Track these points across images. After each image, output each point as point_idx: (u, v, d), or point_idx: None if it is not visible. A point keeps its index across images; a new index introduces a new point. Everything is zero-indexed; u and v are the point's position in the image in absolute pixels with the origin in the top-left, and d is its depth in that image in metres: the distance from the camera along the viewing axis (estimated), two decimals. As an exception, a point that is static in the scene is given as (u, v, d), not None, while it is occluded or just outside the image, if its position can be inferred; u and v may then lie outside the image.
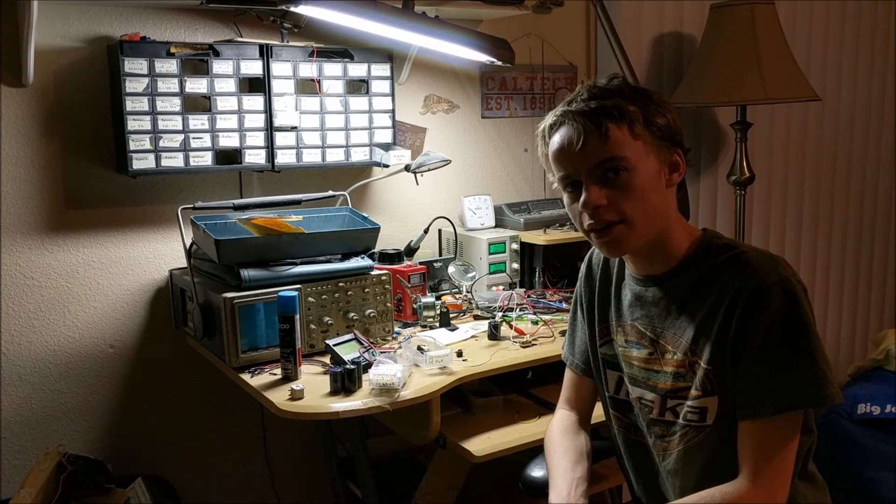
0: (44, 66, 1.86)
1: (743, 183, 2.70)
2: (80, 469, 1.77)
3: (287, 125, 2.03)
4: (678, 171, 1.26)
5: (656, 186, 1.23)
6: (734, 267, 1.22)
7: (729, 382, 1.21)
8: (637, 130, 1.21)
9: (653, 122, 1.22)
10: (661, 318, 1.30)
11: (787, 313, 1.16)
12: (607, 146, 1.20)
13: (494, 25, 2.38)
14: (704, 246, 1.28)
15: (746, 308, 1.18)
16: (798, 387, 1.16)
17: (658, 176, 1.24)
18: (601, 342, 1.43)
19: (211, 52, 1.94)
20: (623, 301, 1.38)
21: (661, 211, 1.25)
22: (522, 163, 2.61)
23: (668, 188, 1.26)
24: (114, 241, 2.00)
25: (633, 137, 1.21)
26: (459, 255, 2.32)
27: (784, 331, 1.16)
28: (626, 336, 1.37)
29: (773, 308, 1.16)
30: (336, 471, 2.15)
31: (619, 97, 1.22)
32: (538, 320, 1.99)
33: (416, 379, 1.64)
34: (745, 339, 1.18)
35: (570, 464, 1.39)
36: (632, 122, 1.21)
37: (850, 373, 3.16)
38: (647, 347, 1.32)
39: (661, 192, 1.24)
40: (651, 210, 1.23)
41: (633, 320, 1.35)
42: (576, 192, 1.25)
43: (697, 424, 1.25)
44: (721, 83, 2.49)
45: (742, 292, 1.19)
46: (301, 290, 1.75)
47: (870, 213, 3.49)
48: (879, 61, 3.38)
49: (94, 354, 2.01)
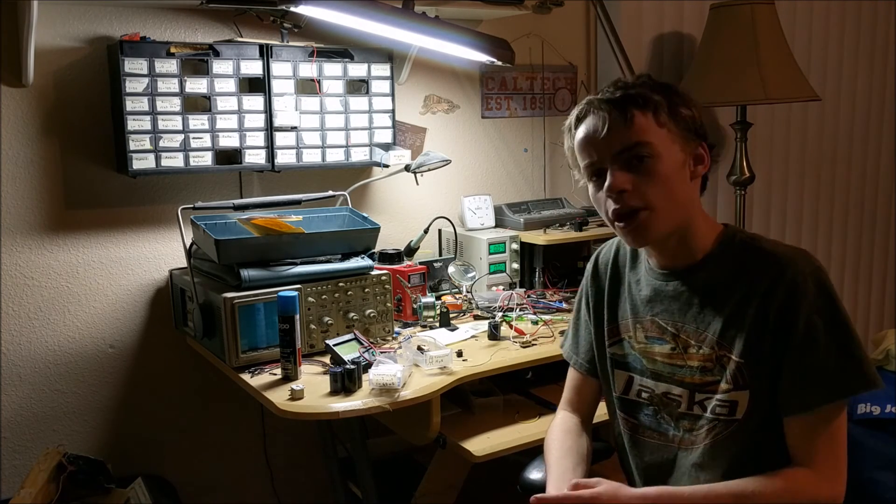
0: (44, 66, 1.86)
1: (743, 183, 2.70)
2: (80, 469, 1.77)
3: (287, 125, 2.03)
4: (703, 164, 1.27)
5: (681, 176, 1.24)
6: (764, 260, 1.23)
7: (764, 376, 1.21)
8: (662, 119, 1.23)
9: (678, 113, 1.24)
10: (681, 313, 1.30)
11: (825, 303, 1.18)
12: (632, 132, 1.21)
13: (494, 25, 2.38)
14: (728, 241, 1.29)
15: (785, 300, 1.19)
16: (846, 374, 1.17)
17: (683, 166, 1.25)
18: (610, 342, 1.42)
19: (211, 52, 1.94)
20: (638, 297, 1.37)
21: (685, 201, 1.26)
22: (522, 163, 2.61)
23: (693, 180, 1.27)
24: (114, 241, 2.00)
25: (658, 125, 1.22)
26: (459, 255, 2.32)
27: (825, 320, 1.18)
28: (646, 332, 1.36)
29: (810, 298, 1.18)
30: (336, 471, 2.15)
31: (643, 88, 1.24)
32: (538, 320, 1.99)
33: (416, 379, 1.64)
34: (786, 331, 1.19)
35: (569, 465, 1.38)
36: (657, 110, 1.22)
37: (851, 373, 3.16)
38: (670, 342, 1.32)
39: (685, 183, 1.25)
40: (675, 199, 1.24)
41: (652, 315, 1.34)
42: (601, 181, 1.26)
43: (726, 418, 1.25)
44: (721, 83, 2.49)
45: (778, 285, 1.20)
46: (301, 290, 1.75)
47: (870, 212, 3.49)
48: (879, 61, 3.38)
49: (94, 354, 2.01)
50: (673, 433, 1.33)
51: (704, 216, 1.30)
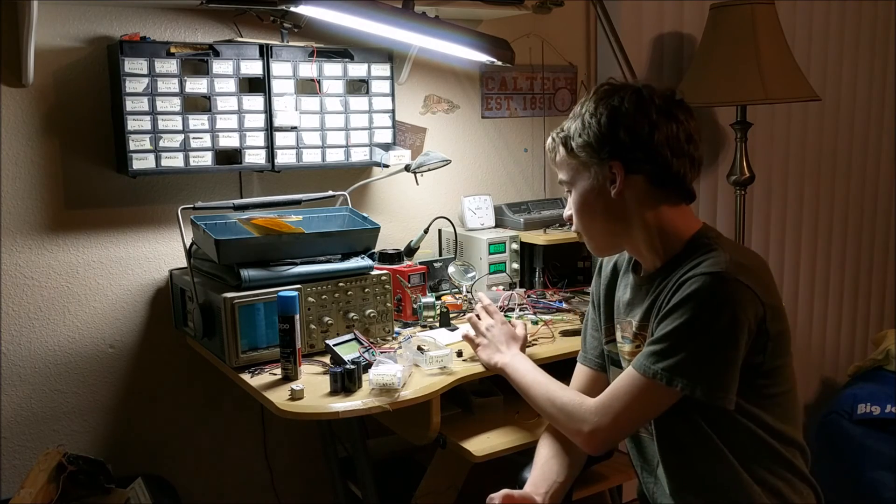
0: (44, 66, 1.86)
1: (743, 183, 2.70)
2: (80, 469, 1.76)
3: (287, 125, 2.03)
4: (614, 184, 1.32)
5: (598, 200, 1.34)
6: (694, 260, 1.28)
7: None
8: (569, 151, 1.36)
9: (571, 142, 1.35)
10: (645, 313, 1.36)
11: (701, 299, 1.22)
12: (558, 168, 1.41)
13: (494, 25, 2.38)
14: (692, 244, 1.33)
15: (674, 291, 1.26)
16: (664, 359, 1.23)
17: (597, 191, 1.34)
18: (606, 340, 1.50)
19: (211, 52, 1.93)
20: (621, 300, 1.45)
21: (610, 221, 1.35)
22: (522, 163, 2.61)
23: (617, 197, 1.32)
24: (114, 241, 2.00)
25: (569, 157, 1.37)
26: (459, 255, 2.32)
27: (692, 312, 1.22)
28: (622, 332, 1.44)
29: (692, 290, 1.22)
30: (336, 471, 2.15)
31: (572, 119, 1.37)
32: (538, 320, 1.99)
33: (416, 379, 1.64)
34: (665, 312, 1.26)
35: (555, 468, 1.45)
36: (564, 142, 1.37)
37: (850, 373, 3.16)
38: (633, 341, 1.40)
39: (607, 204, 1.34)
40: (594, 222, 1.37)
41: (629, 317, 1.42)
42: None
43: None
44: (721, 83, 2.49)
45: (681, 280, 1.26)
46: (301, 290, 1.75)
47: (870, 212, 3.49)
48: (879, 61, 3.38)
49: (94, 354, 2.01)
50: (651, 427, 1.39)
51: (672, 223, 1.34)
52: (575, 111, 1.36)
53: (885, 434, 2.75)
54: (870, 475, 2.71)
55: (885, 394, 2.84)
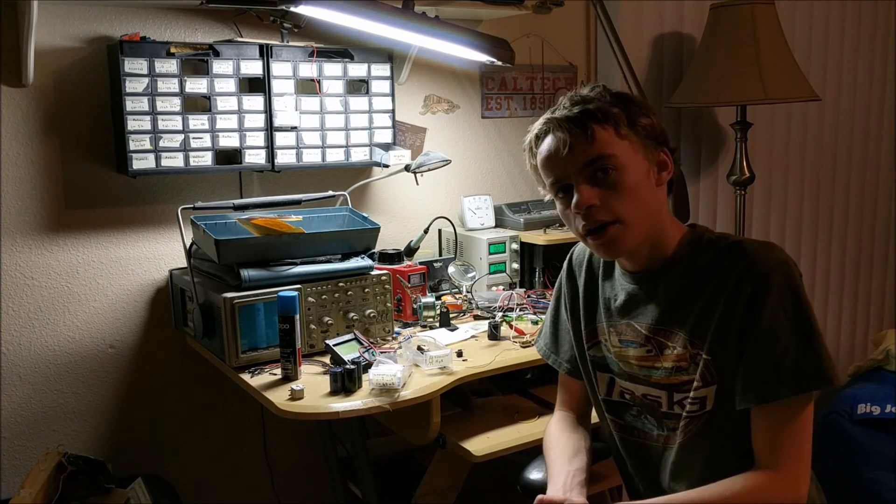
0: (44, 66, 1.86)
1: (743, 183, 2.70)
2: (80, 469, 1.76)
3: (287, 125, 2.03)
4: (667, 170, 1.28)
5: (647, 185, 1.25)
6: (732, 256, 1.24)
7: (731, 370, 1.21)
8: (622, 131, 1.23)
9: (637, 123, 1.24)
10: (655, 315, 1.30)
11: (790, 296, 1.18)
12: (594, 146, 1.22)
13: (494, 25, 2.38)
14: (696, 240, 1.29)
15: (752, 294, 1.19)
16: (806, 370, 1.16)
17: (647, 175, 1.25)
18: (589, 345, 1.43)
19: (211, 52, 1.94)
20: (612, 301, 1.38)
21: (653, 209, 1.26)
22: (522, 163, 2.60)
23: (659, 186, 1.27)
24: (114, 241, 2.00)
25: (618, 137, 1.23)
26: (459, 255, 2.32)
27: (789, 315, 1.17)
28: (619, 336, 1.36)
29: (776, 291, 1.17)
30: (336, 471, 2.15)
31: (601, 102, 1.25)
32: (538, 320, 1.99)
33: (416, 379, 1.64)
34: (752, 324, 1.18)
35: (567, 458, 1.39)
36: (616, 123, 1.23)
37: (850, 373, 3.16)
38: (645, 345, 1.32)
39: (651, 191, 1.26)
40: (644, 209, 1.24)
41: (628, 319, 1.35)
42: (567, 197, 1.26)
43: (696, 415, 1.26)
44: (721, 83, 2.49)
45: (745, 279, 1.20)
46: (301, 290, 1.75)
47: (870, 212, 3.49)
48: (879, 61, 3.38)
49: (94, 354, 2.01)
50: (657, 433, 1.34)
51: (671, 219, 1.31)
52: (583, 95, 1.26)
53: (885, 434, 2.75)
54: (870, 475, 2.71)
55: (885, 394, 2.84)
